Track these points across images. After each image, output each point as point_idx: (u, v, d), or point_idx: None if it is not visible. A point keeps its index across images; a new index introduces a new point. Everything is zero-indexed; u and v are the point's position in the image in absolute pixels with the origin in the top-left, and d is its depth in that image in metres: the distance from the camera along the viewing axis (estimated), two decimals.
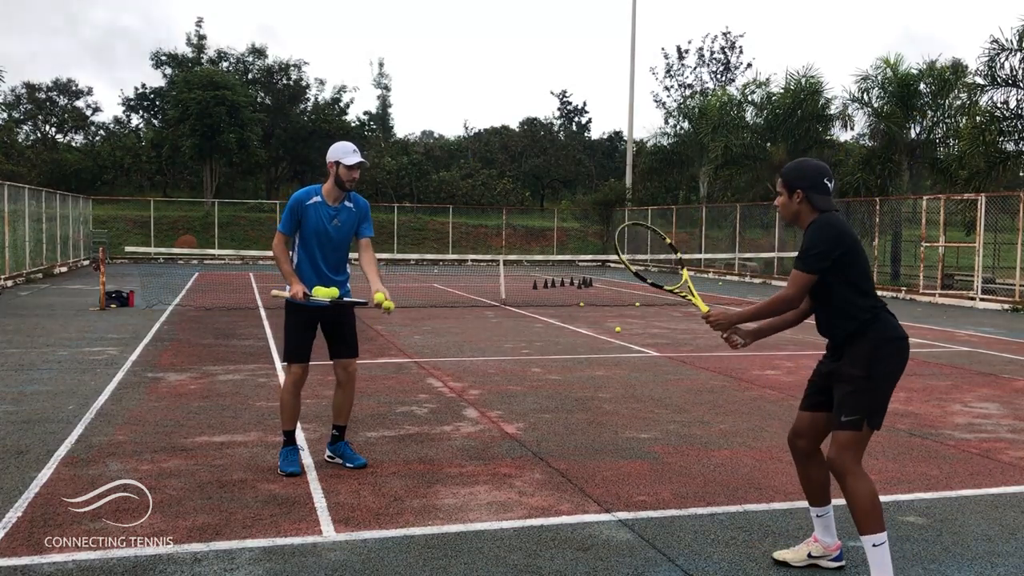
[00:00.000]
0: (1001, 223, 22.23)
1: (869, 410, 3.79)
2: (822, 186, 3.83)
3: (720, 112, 34.23)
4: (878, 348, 3.79)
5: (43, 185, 34.77)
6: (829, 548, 4.04)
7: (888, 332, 3.81)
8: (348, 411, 5.65)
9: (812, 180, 3.83)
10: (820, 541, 4.04)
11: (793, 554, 4.07)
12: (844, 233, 3.77)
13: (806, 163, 3.93)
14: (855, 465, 3.77)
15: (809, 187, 3.83)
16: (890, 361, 3.81)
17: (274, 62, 52.10)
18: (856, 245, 3.80)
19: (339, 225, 5.44)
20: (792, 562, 4.05)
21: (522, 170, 56.40)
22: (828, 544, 4.04)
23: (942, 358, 10.93)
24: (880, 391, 3.82)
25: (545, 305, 17.67)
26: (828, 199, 3.85)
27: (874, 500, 3.72)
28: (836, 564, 4.03)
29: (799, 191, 3.85)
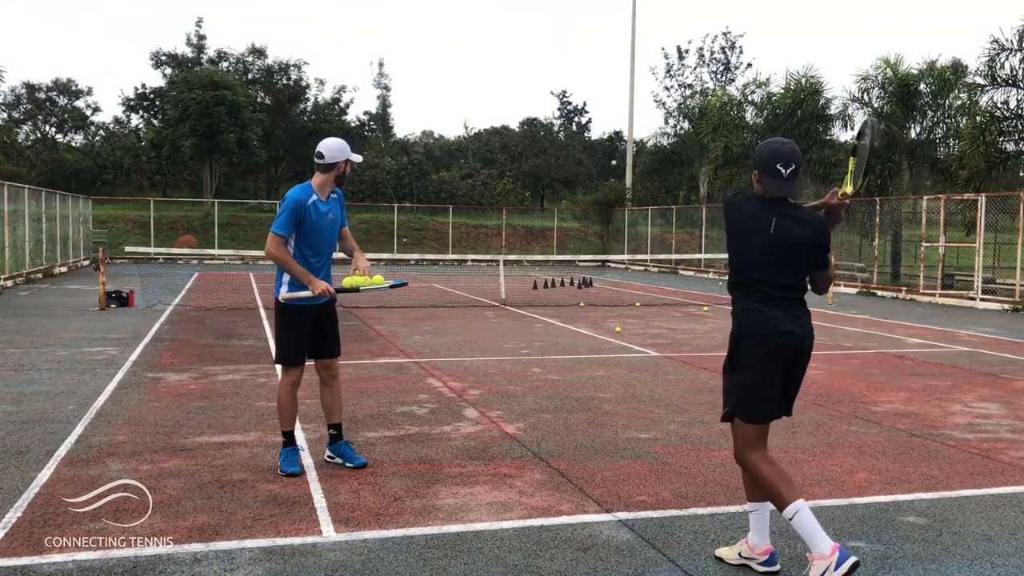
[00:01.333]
0: (1001, 223, 22.23)
1: (736, 402, 3.87)
2: (773, 171, 3.81)
3: (720, 112, 34.24)
4: (739, 340, 3.86)
5: (43, 185, 34.75)
6: (756, 551, 3.95)
7: (750, 326, 3.82)
8: (340, 408, 5.64)
9: (764, 163, 3.85)
10: (749, 542, 4.00)
11: (728, 551, 4.09)
12: (734, 209, 3.88)
13: (767, 145, 3.91)
14: (746, 453, 3.87)
15: (761, 168, 3.86)
16: (750, 355, 3.82)
17: (274, 62, 52.14)
18: (743, 229, 3.84)
19: (332, 218, 5.47)
20: (726, 559, 4.06)
21: (522, 170, 56.40)
22: (756, 545, 3.96)
23: (942, 358, 10.93)
24: (742, 383, 3.83)
25: (545, 305, 17.67)
26: (778, 184, 3.81)
27: (773, 481, 3.77)
28: (765, 569, 3.91)
29: (755, 172, 3.90)
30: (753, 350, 3.80)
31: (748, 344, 3.81)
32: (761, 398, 3.83)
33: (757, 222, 3.82)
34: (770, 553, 3.94)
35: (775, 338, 3.78)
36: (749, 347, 3.81)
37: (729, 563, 4.02)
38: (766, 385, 3.82)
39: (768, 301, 3.82)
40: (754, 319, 3.81)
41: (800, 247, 3.81)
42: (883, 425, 6.98)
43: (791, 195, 3.84)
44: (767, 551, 3.94)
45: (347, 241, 5.71)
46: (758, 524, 3.97)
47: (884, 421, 7.13)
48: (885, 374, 9.56)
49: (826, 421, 7.10)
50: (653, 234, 36.01)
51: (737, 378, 3.86)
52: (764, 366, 3.80)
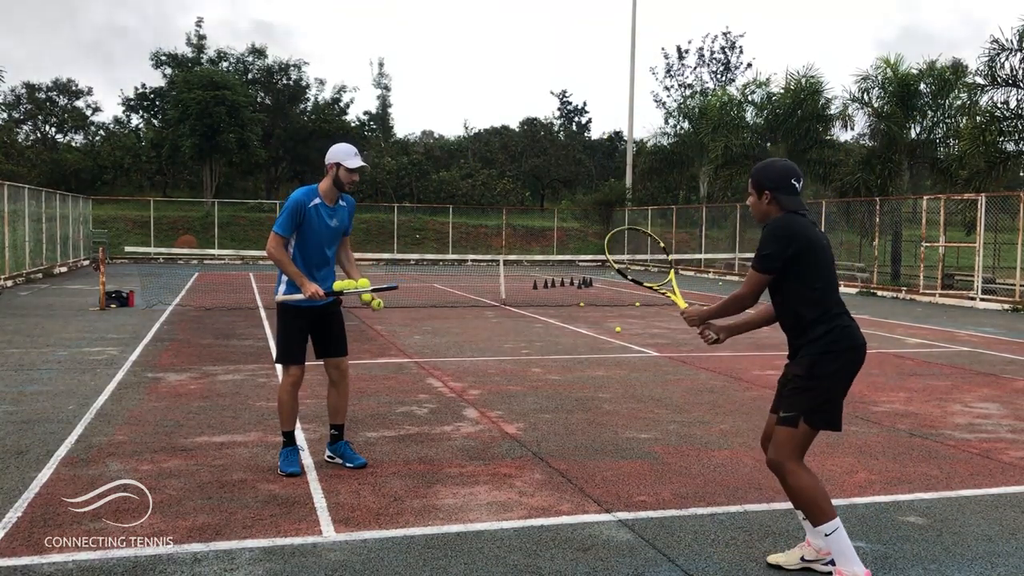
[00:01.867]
0: (1001, 223, 22.23)
1: (806, 408, 3.80)
2: (789, 187, 3.85)
3: (720, 112, 34.23)
4: (823, 352, 3.80)
5: (43, 185, 34.76)
6: (822, 551, 3.97)
7: (838, 339, 3.80)
8: (344, 410, 5.65)
9: (779, 181, 3.86)
10: (813, 544, 4.01)
11: (786, 557, 4.05)
12: (797, 234, 3.78)
13: (774, 163, 3.94)
14: (791, 462, 3.79)
15: (776, 188, 3.86)
16: (832, 364, 3.80)
17: (274, 62, 52.15)
18: (811, 247, 3.80)
19: (336, 224, 5.46)
20: (785, 565, 4.02)
21: (522, 170, 56.40)
22: (820, 547, 3.97)
23: (942, 358, 10.93)
24: (819, 391, 3.81)
25: (545, 305, 17.67)
26: (796, 199, 3.86)
27: (815, 494, 3.75)
28: (831, 568, 3.95)
29: (767, 192, 3.87)
30: (844, 360, 3.81)
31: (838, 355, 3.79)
32: (837, 407, 3.88)
33: (819, 237, 3.86)
34: None
35: (851, 351, 3.83)
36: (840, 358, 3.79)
37: (788, 569, 3.99)
38: (844, 395, 3.89)
39: (846, 313, 3.89)
40: (847, 331, 3.82)
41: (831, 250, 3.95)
42: (883, 425, 6.98)
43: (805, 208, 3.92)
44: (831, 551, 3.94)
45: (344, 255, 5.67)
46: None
47: (884, 421, 7.13)
48: (885, 374, 9.56)
49: None
50: (653, 234, 35.99)
51: (819, 385, 3.80)
52: (848, 376, 3.85)
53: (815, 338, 3.80)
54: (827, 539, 3.75)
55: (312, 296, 5.23)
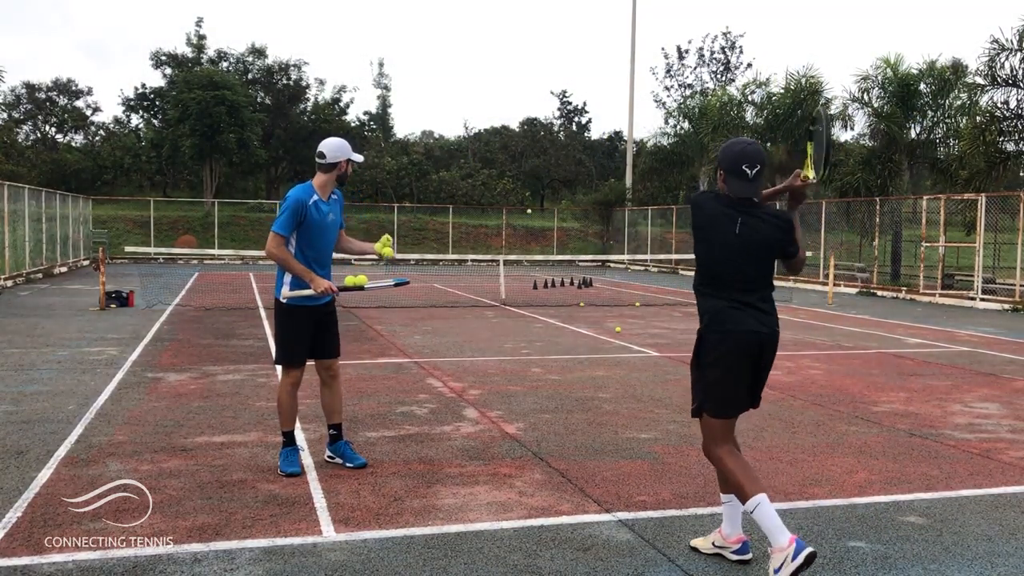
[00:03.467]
0: (1001, 223, 22.23)
1: (702, 398, 3.93)
2: (739, 171, 3.87)
3: (720, 112, 34.22)
4: (702, 335, 3.91)
5: (43, 185, 34.75)
6: (728, 540, 4.06)
7: (717, 321, 3.87)
8: (340, 409, 5.65)
9: (730, 164, 3.90)
10: (722, 531, 4.10)
11: (702, 541, 4.18)
12: (700, 209, 3.91)
13: (732, 146, 3.96)
14: (713, 448, 3.94)
15: (727, 169, 3.90)
16: (715, 352, 3.87)
17: (274, 62, 52.13)
18: (707, 228, 3.87)
19: (333, 219, 5.47)
20: (701, 549, 4.15)
21: (522, 170, 56.39)
22: (728, 535, 4.07)
23: (942, 358, 10.93)
24: (710, 380, 3.88)
25: (545, 305, 17.67)
26: (743, 184, 3.87)
27: (736, 476, 3.82)
28: (737, 557, 4.03)
29: (721, 171, 3.94)
30: (718, 347, 3.87)
31: (713, 341, 3.89)
32: (726, 394, 3.91)
33: (724, 221, 3.87)
34: (743, 542, 4.05)
35: (739, 336, 3.86)
36: (714, 344, 3.88)
37: (703, 552, 4.12)
38: (732, 381, 3.90)
39: (734, 300, 3.89)
40: (720, 317, 3.88)
41: (765, 245, 3.90)
42: (883, 425, 6.98)
43: (756, 195, 3.92)
44: (739, 540, 4.05)
45: (348, 242, 5.72)
46: (731, 514, 4.07)
47: (884, 421, 7.13)
48: (885, 374, 9.56)
49: (826, 421, 7.10)
50: (653, 234, 36.01)
51: (703, 375, 3.93)
52: (729, 363, 3.87)
53: (700, 316, 3.96)
54: (752, 516, 3.80)
55: (326, 291, 5.21)
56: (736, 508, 4.05)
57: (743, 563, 4.02)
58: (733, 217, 3.86)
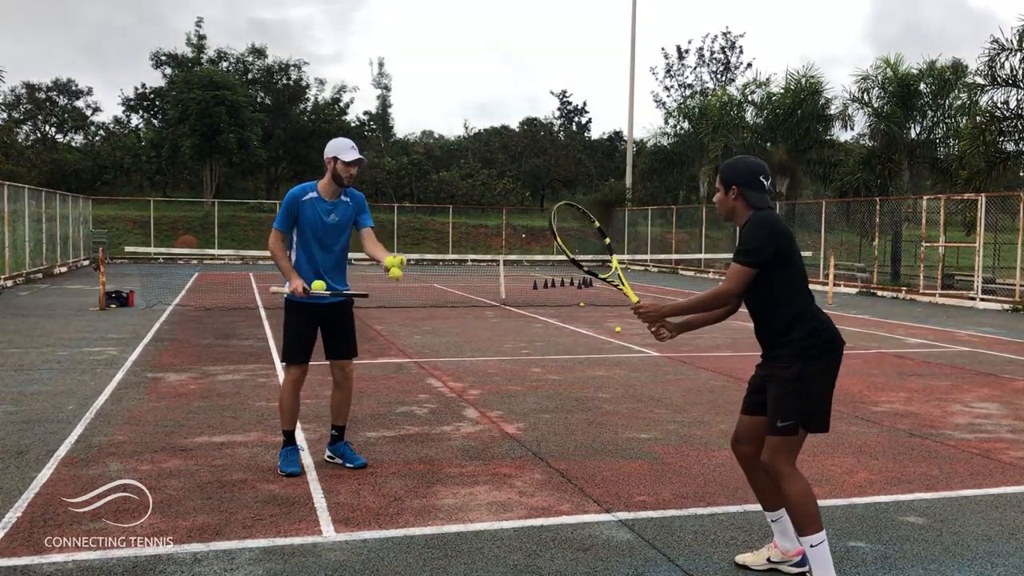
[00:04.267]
0: (1001, 223, 22.23)
1: (802, 414, 3.74)
2: (757, 183, 3.83)
3: (720, 112, 34.22)
4: (808, 350, 3.73)
5: (43, 185, 34.76)
6: (788, 553, 3.96)
7: (819, 335, 3.76)
8: (347, 411, 5.65)
9: (747, 177, 3.84)
10: (779, 546, 3.99)
11: (753, 558, 4.04)
12: (780, 230, 3.77)
13: (743, 160, 3.93)
14: (787, 467, 3.73)
15: (744, 184, 3.84)
16: (820, 364, 3.75)
17: (274, 62, 52.14)
18: (791, 244, 3.78)
19: (336, 220, 5.43)
20: (752, 566, 4.00)
21: (522, 170, 56.39)
22: (787, 549, 3.96)
23: (942, 358, 10.93)
24: (812, 394, 3.75)
25: (545, 305, 17.67)
26: (763, 196, 3.85)
27: (808, 501, 3.68)
28: (797, 570, 3.93)
29: (735, 187, 3.85)
30: (827, 361, 3.77)
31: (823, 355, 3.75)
32: (828, 406, 3.82)
33: (793, 237, 3.84)
34: (802, 555, 3.91)
35: (834, 344, 3.79)
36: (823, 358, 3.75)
37: (756, 569, 3.98)
38: (831, 394, 3.82)
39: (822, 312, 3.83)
40: (827, 331, 3.78)
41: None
42: (883, 425, 6.98)
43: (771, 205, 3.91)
44: (799, 552, 3.92)
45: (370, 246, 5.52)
46: (785, 528, 3.95)
47: (884, 421, 7.13)
48: (885, 374, 9.56)
49: None
50: (653, 234, 36.00)
51: (805, 388, 3.74)
52: (834, 375, 3.81)
53: (799, 338, 3.74)
54: (811, 550, 3.68)
55: (294, 290, 5.24)
56: (788, 522, 3.90)
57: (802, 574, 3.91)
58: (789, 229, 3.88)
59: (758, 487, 3.98)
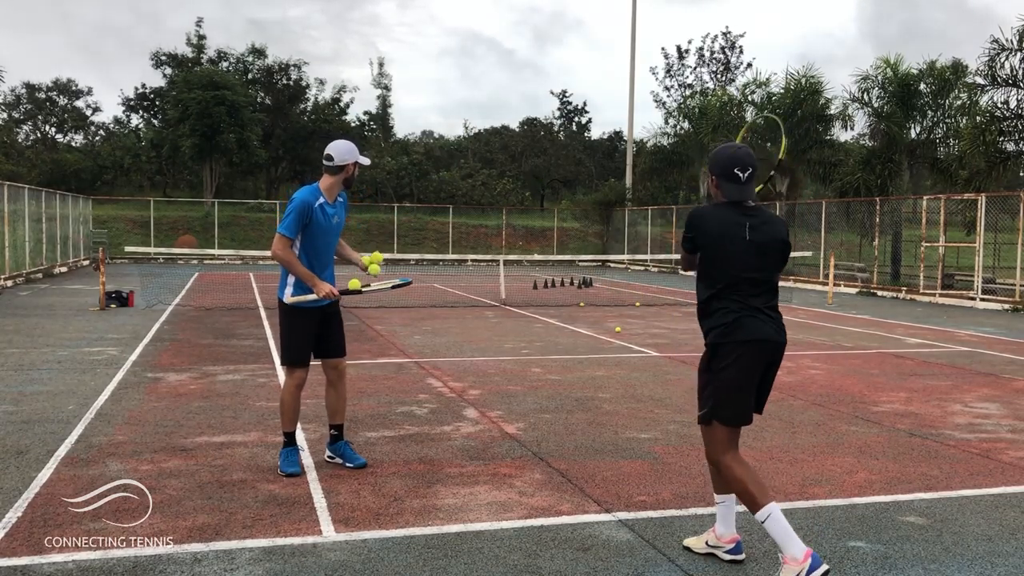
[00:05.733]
0: (1001, 223, 22.23)
1: (713, 405, 3.89)
2: (732, 175, 3.87)
3: (720, 112, 34.23)
4: (716, 344, 3.86)
5: (43, 185, 34.77)
6: (723, 539, 4.07)
7: (731, 331, 3.82)
8: (343, 410, 5.65)
9: (722, 168, 3.91)
10: (716, 531, 4.11)
11: (696, 541, 4.19)
12: (702, 223, 3.87)
13: (723, 150, 3.97)
14: (720, 456, 3.91)
15: (719, 174, 3.91)
16: (726, 358, 3.84)
17: (274, 62, 52.14)
18: (717, 239, 3.84)
19: (338, 221, 5.49)
20: (694, 548, 4.15)
21: (522, 170, 56.38)
22: (722, 535, 4.07)
23: (942, 358, 10.93)
24: (718, 385, 3.85)
25: (545, 305, 17.67)
26: (738, 188, 3.87)
27: (743, 487, 3.82)
28: (731, 557, 4.03)
29: (713, 176, 3.95)
30: (735, 356, 3.83)
31: (729, 350, 3.84)
32: (741, 403, 3.90)
33: (732, 228, 3.85)
34: (736, 542, 4.06)
35: (758, 345, 3.84)
36: (730, 353, 3.84)
37: (696, 551, 4.13)
38: (747, 390, 3.89)
39: (748, 307, 3.86)
40: (736, 326, 3.83)
41: (773, 247, 3.90)
42: (883, 425, 6.98)
43: (750, 198, 3.92)
44: (733, 540, 4.07)
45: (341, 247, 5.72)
46: (725, 515, 4.08)
47: (884, 421, 7.13)
48: (885, 374, 9.56)
49: (826, 421, 7.10)
50: (653, 234, 36.01)
51: (717, 383, 3.88)
52: (745, 372, 3.85)
53: (709, 328, 3.90)
54: (764, 526, 3.79)
55: (328, 295, 5.23)
56: (730, 508, 4.07)
57: (736, 563, 4.03)
58: (741, 223, 3.85)
59: (710, 470, 4.16)
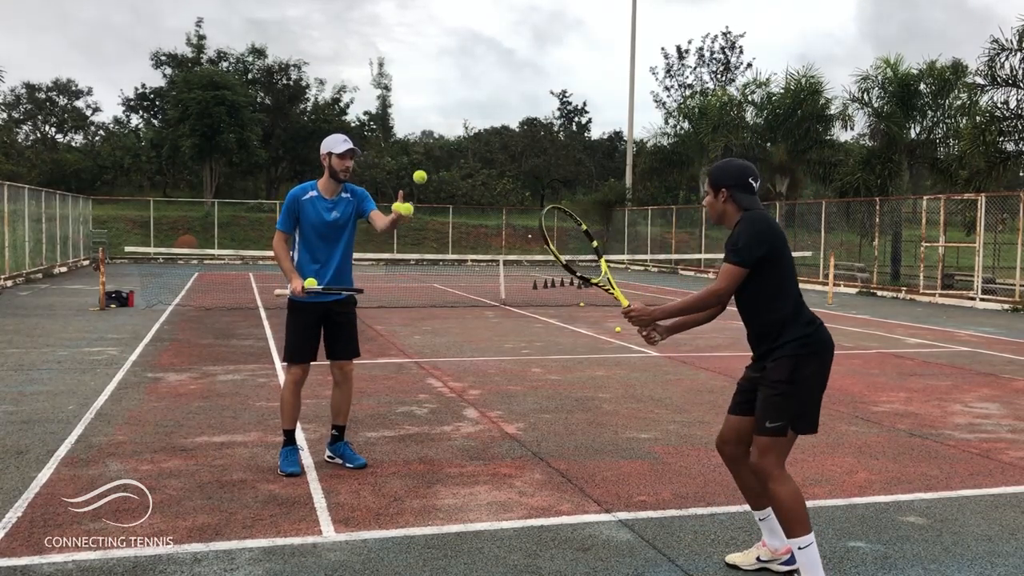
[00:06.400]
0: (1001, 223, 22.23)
1: (792, 415, 3.73)
2: (747, 185, 3.84)
3: (720, 112, 34.23)
4: (799, 352, 3.72)
5: (43, 185, 34.77)
6: (778, 552, 3.96)
7: (810, 337, 3.75)
8: (347, 411, 5.65)
9: (737, 179, 3.84)
10: (768, 545, 3.99)
11: (743, 557, 4.04)
12: (771, 229, 3.76)
13: (732, 162, 3.95)
14: (777, 469, 3.72)
15: (734, 185, 3.84)
16: (811, 366, 3.74)
17: (274, 62, 52.13)
18: (783, 246, 3.78)
19: (337, 217, 5.43)
20: (742, 565, 4.00)
21: (522, 170, 56.38)
22: (776, 548, 3.96)
23: (942, 358, 10.93)
24: (802, 396, 3.74)
25: (545, 305, 17.67)
26: (753, 199, 3.85)
27: (796, 504, 3.67)
28: (787, 568, 3.93)
29: (724, 189, 3.86)
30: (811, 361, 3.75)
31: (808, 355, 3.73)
32: (818, 409, 3.81)
33: (786, 239, 3.84)
34: (791, 553, 3.91)
35: (823, 347, 3.78)
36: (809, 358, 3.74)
37: (745, 569, 3.98)
38: (821, 396, 3.82)
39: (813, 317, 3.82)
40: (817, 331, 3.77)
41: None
42: (883, 425, 6.98)
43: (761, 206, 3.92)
44: (788, 551, 3.92)
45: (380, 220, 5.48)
46: (773, 527, 3.95)
47: (884, 421, 7.13)
48: (885, 374, 9.56)
49: (826, 421, 7.08)
50: (653, 234, 36.01)
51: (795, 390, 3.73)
52: (824, 378, 3.79)
53: (792, 339, 3.73)
54: (799, 552, 3.67)
55: (294, 291, 5.25)
56: (775, 520, 3.90)
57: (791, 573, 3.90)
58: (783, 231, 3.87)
59: (745, 486, 3.99)
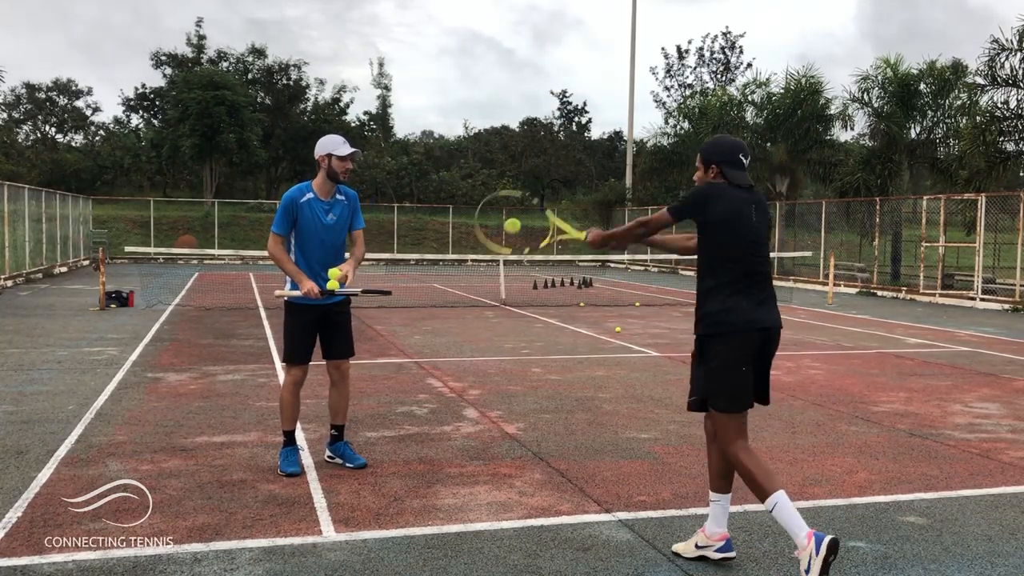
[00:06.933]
0: (1001, 223, 22.22)
1: (706, 392, 3.87)
2: (737, 161, 3.93)
3: (720, 112, 34.20)
4: (705, 333, 3.86)
5: (43, 185, 34.77)
6: (713, 537, 4.02)
7: (715, 316, 3.83)
8: (345, 410, 5.65)
9: (727, 154, 3.93)
10: (706, 531, 4.06)
11: (684, 546, 4.13)
12: (719, 200, 3.84)
13: (723, 138, 4.03)
14: (731, 445, 3.86)
15: (723, 161, 3.93)
16: (714, 346, 3.83)
17: (274, 62, 52.15)
18: (726, 218, 3.84)
19: (334, 220, 5.43)
20: (683, 554, 4.09)
21: (522, 170, 56.38)
22: (713, 533, 4.03)
23: (942, 358, 10.93)
24: (713, 372, 3.83)
25: (545, 305, 17.67)
26: (742, 174, 3.92)
27: (752, 473, 3.78)
28: (720, 555, 4.00)
29: (715, 165, 3.95)
30: (732, 343, 3.83)
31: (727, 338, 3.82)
32: (736, 388, 3.87)
33: (745, 209, 3.89)
34: (726, 540, 4.02)
35: (755, 334, 3.84)
36: (727, 340, 3.83)
37: (686, 557, 4.07)
38: (742, 375, 3.87)
39: (746, 292, 3.86)
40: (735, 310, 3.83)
41: (768, 230, 3.98)
42: (883, 425, 6.98)
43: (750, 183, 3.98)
44: (723, 537, 4.02)
45: (354, 244, 5.67)
46: (718, 513, 4.04)
47: (884, 421, 7.13)
48: (885, 374, 9.56)
49: (826, 421, 7.10)
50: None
51: (711, 369, 3.87)
52: (741, 357, 3.85)
53: (706, 313, 3.88)
54: (772, 515, 3.78)
55: (308, 293, 5.22)
56: (724, 507, 4.04)
57: (727, 560, 4.00)
58: (748, 203, 3.90)
59: (710, 463, 4.12)
